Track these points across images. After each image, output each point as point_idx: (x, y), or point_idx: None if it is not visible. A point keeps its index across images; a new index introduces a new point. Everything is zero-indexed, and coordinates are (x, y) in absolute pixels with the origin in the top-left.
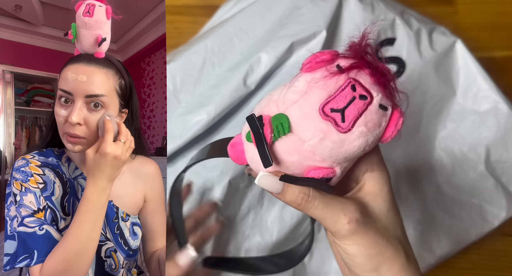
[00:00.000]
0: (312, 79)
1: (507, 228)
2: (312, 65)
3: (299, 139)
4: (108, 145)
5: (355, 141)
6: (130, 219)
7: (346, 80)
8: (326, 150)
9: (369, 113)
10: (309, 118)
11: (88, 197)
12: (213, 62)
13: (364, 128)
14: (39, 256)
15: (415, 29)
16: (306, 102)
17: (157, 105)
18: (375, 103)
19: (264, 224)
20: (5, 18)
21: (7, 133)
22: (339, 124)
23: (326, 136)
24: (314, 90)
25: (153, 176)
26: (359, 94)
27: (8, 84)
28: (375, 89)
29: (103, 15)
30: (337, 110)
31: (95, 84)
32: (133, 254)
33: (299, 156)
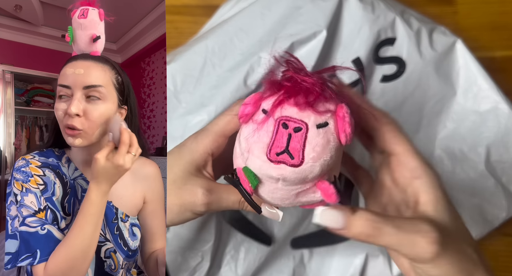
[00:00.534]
0: (247, 134)
1: (507, 228)
2: (244, 119)
3: (271, 181)
4: (122, 157)
5: (314, 167)
6: (129, 219)
7: (275, 122)
8: (297, 181)
9: (311, 139)
10: (264, 168)
11: (92, 200)
12: (214, 63)
13: (315, 154)
14: (42, 255)
15: (415, 29)
16: (254, 157)
17: (157, 105)
18: (311, 127)
19: (264, 224)
20: (5, 18)
21: (7, 133)
22: (291, 163)
23: (286, 176)
24: (253, 145)
25: (153, 177)
26: (293, 128)
27: (8, 84)
28: (305, 115)
29: (96, 16)
30: (282, 152)
31: (92, 75)
32: (132, 254)
33: (281, 191)
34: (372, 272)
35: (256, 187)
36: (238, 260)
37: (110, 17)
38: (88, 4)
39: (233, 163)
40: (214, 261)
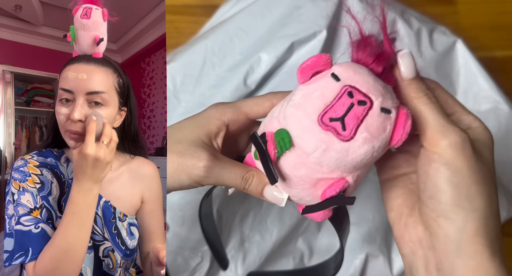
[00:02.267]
0: (307, 91)
1: (507, 228)
2: (306, 76)
3: (303, 152)
4: (89, 146)
5: (360, 148)
6: (127, 219)
7: (342, 88)
8: (331, 160)
9: (371, 118)
10: (308, 130)
11: (73, 198)
12: (213, 62)
13: (367, 134)
14: (33, 253)
15: (416, 29)
16: (304, 115)
17: (157, 105)
18: (375, 108)
19: (264, 224)
20: (5, 18)
21: (7, 133)
22: (341, 133)
23: (329, 147)
24: (310, 101)
25: (151, 177)
26: (358, 100)
27: (8, 84)
28: (374, 93)
29: (100, 17)
30: (337, 119)
31: (95, 81)
32: (130, 253)
33: (306, 169)
34: (372, 272)
35: (281, 155)
36: (238, 260)
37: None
38: (91, 2)
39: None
40: (214, 261)
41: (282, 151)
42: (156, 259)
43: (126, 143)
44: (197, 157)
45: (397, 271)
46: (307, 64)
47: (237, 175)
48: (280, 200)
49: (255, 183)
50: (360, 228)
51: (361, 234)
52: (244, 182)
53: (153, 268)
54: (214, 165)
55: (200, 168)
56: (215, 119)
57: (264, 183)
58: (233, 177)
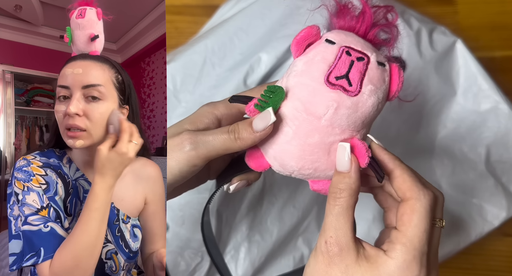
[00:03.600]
0: (308, 59)
1: (507, 228)
2: (301, 48)
3: (314, 117)
4: (125, 145)
5: (367, 101)
6: (130, 221)
7: (339, 48)
8: (343, 119)
9: (371, 71)
10: (317, 93)
11: (97, 194)
12: (213, 62)
13: (372, 86)
14: (46, 252)
15: (415, 29)
16: (310, 79)
17: (157, 105)
18: (373, 61)
19: (264, 224)
20: (5, 18)
21: (7, 133)
22: (348, 89)
23: (340, 104)
24: (313, 66)
25: (154, 178)
26: (356, 57)
27: (8, 84)
28: (368, 49)
29: (94, 16)
30: (342, 77)
31: (91, 75)
32: (133, 256)
33: (318, 134)
34: None
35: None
36: (238, 260)
37: (108, 16)
38: (86, 4)
39: None
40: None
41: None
42: (159, 264)
43: None
44: (179, 138)
45: None
46: (301, 36)
47: (221, 131)
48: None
49: (241, 127)
50: (360, 227)
51: (361, 234)
52: (232, 133)
53: (155, 271)
54: (196, 135)
55: (184, 144)
56: (206, 113)
57: (249, 122)
58: (219, 136)
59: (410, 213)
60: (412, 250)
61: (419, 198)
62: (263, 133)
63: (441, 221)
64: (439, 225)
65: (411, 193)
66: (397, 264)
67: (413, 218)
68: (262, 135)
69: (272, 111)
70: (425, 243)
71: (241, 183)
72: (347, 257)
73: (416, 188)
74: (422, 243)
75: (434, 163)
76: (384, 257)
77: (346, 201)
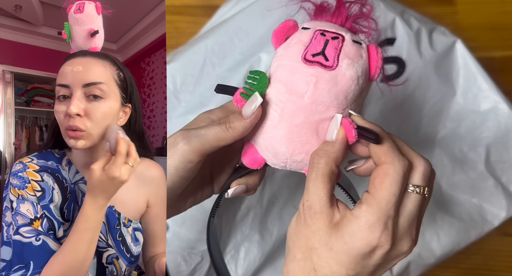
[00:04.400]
0: (286, 44)
1: (507, 228)
2: (280, 40)
3: (297, 96)
4: (118, 168)
5: (346, 73)
6: (131, 224)
7: (314, 32)
8: (324, 94)
9: (347, 47)
10: (296, 71)
11: (87, 214)
12: (213, 62)
13: (348, 60)
14: (35, 267)
15: (415, 29)
16: (288, 60)
17: (157, 105)
18: (348, 39)
19: (264, 224)
20: (5, 18)
21: (7, 133)
22: (325, 64)
23: (319, 78)
24: (290, 48)
25: (157, 181)
26: (331, 36)
27: (8, 84)
28: (342, 31)
29: (93, 10)
30: (318, 54)
31: (92, 72)
32: (135, 260)
33: (303, 113)
34: None
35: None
36: (238, 260)
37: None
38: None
39: None
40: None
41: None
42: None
43: None
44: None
45: (397, 271)
46: (279, 28)
47: (213, 124)
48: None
49: (232, 117)
50: None
51: None
52: (223, 124)
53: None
54: (188, 131)
55: (177, 141)
56: (202, 118)
57: (239, 111)
58: (211, 128)
59: (383, 176)
60: (377, 212)
61: (394, 163)
62: (253, 117)
63: (422, 189)
64: (419, 192)
65: (386, 157)
66: (360, 224)
67: (385, 181)
68: (253, 120)
69: (259, 94)
70: (392, 207)
71: (239, 187)
72: (320, 219)
73: (391, 154)
74: (389, 206)
75: (434, 163)
76: (350, 217)
77: (322, 168)
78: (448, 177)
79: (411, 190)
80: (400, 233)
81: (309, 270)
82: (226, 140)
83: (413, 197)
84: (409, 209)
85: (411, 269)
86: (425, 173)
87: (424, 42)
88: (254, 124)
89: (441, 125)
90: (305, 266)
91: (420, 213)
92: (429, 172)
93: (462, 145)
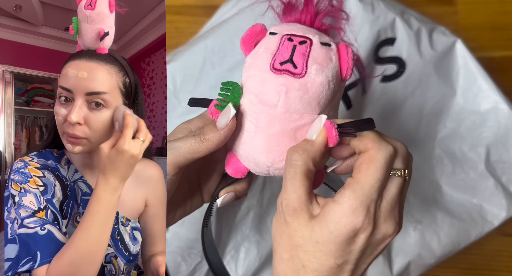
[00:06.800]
0: (253, 53)
1: (507, 228)
2: (249, 47)
3: (269, 106)
4: (127, 141)
5: (315, 80)
6: (130, 223)
7: (281, 37)
8: (296, 102)
9: (315, 52)
10: (265, 81)
11: (99, 196)
12: (213, 62)
13: (317, 65)
14: (43, 257)
15: (415, 29)
16: (256, 70)
17: (157, 105)
18: (316, 43)
19: (264, 224)
20: (5, 18)
21: (7, 133)
22: (294, 72)
23: (289, 88)
24: (258, 57)
25: (156, 180)
26: (298, 41)
27: (8, 84)
28: (310, 33)
29: (106, 8)
30: (286, 61)
31: (97, 81)
32: (133, 259)
33: (278, 123)
34: (372, 272)
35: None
36: (238, 260)
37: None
38: None
39: None
40: None
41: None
42: (156, 272)
43: None
44: None
45: (397, 271)
46: (246, 34)
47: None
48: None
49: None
50: None
51: None
52: (197, 136)
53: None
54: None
55: None
56: (180, 128)
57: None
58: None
59: (369, 162)
60: (361, 196)
61: (380, 148)
62: (227, 129)
63: (403, 172)
64: (400, 175)
65: (373, 143)
66: (343, 209)
67: (370, 167)
68: (227, 131)
69: (232, 105)
70: (376, 191)
71: (228, 195)
72: (299, 216)
73: (378, 140)
74: (373, 191)
75: (434, 163)
76: (332, 204)
77: (300, 166)
78: (448, 177)
79: (393, 174)
80: (384, 216)
81: (298, 268)
82: (201, 152)
83: (395, 180)
84: (392, 192)
85: (411, 269)
86: (404, 156)
87: (424, 42)
88: (229, 136)
89: (441, 125)
90: (294, 265)
91: (402, 196)
92: (407, 154)
93: (462, 145)
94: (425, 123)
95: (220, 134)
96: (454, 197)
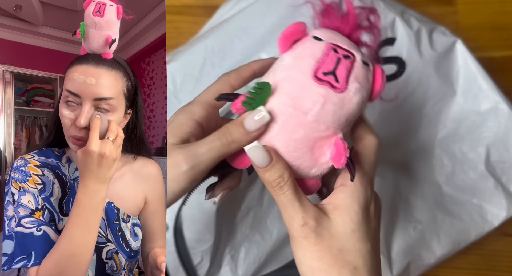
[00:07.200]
0: (297, 54)
1: (507, 228)
2: (288, 45)
3: (301, 112)
4: (93, 142)
5: (353, 98)
6: (130, 220)
7: (327, 45)
8: (329, 115)
9: (357, 69)
10: (305, 88)
11: (78, 199)
12: (213, 62)
13: (357, 84)
14: (36, 257)
15: (415, 29)
16: (298, 74)
17: (157, 105)
18: (358, 60)
19: (264, 224)
20: (5, 18)
21: (7, 133)
22: (335, 85)
23: (327, 100)
24: (302, 61)
25: (154, 177)
26: (343, 54)
27: (8, 84)
28: (353, 48)
29: (114, 16)
30: (329, 73)
31: (104, 87)
32: (134, 255)
33: (304, 130)
34: None
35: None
36: (238, 260)
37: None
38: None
39: None
40: (214, 261)
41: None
42: (154, 264)
43: (129, 145)
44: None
45: (397, 271)
46: (289, 31)
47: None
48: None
49: (232, 129)
50: None
51: None
52: (223, 138)
53: (152, 271)
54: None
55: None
56: (185, 120)
57: (239, 122)
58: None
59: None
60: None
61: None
62: (258, 133)
63: None
64: None
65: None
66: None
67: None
68: (258, 135)
69: (265, 109)
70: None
71: (224, 192)
72: (326, 225)
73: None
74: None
75: (434, 163)
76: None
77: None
78: (448, 177)
79: None
80: None
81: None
82: (230, 154)
83: None
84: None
85: (411, 269)
86: None
87: (424, 42)
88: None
89: (441, 125)
90: (346, 273)
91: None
92: None
93: (462, 145)
94: (425, 123)
95: (250, 137)
96: (454, 197)
